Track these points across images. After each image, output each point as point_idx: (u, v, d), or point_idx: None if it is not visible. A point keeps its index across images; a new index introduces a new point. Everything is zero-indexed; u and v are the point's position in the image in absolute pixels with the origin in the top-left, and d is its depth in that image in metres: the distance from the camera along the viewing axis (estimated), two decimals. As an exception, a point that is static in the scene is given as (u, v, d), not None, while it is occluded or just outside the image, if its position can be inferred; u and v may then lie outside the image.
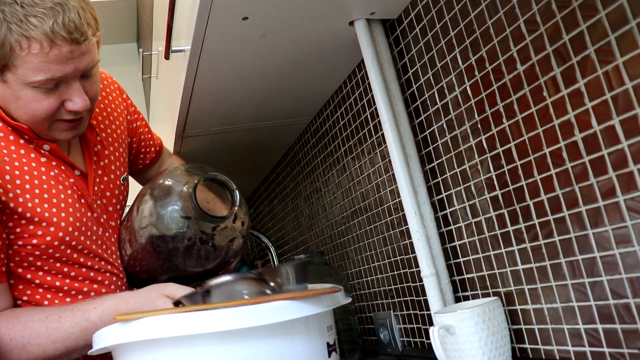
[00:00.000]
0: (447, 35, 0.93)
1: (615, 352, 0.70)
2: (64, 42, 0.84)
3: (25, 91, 0.87)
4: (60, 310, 0.89)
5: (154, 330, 0.75)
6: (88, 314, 0.88)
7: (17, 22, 0.82)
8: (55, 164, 0.96)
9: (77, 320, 0.87)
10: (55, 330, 0.87)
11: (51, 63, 0.84)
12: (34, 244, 0.92)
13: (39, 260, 0.93)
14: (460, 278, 0.99)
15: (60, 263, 0.95)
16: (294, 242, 1.94)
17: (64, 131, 0.94)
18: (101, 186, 1.03)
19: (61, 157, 0.97)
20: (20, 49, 0.83)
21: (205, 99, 1.26)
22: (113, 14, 2.37)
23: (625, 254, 0.67)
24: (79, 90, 0.90)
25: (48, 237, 0.92)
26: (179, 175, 1.01)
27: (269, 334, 0.76)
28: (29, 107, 0.88)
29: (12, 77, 0.86)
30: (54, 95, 0.88)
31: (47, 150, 0.95)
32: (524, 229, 0.82)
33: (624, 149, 0.65)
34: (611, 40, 0.64)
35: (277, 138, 1.68)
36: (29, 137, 0.93)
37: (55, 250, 0.94)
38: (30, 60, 0.83)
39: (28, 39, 0.82)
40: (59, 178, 0.95)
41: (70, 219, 0.94)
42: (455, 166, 0.96)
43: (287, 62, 1.16)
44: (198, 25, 0.94)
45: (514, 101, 0.80)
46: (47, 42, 0.83)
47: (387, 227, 1.24)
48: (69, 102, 0.90)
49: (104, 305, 0.88)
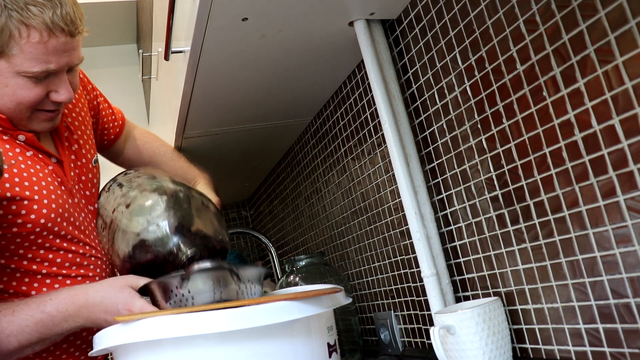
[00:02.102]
0: (446, 35, 0.93)
1: (615, 352, 0.70)
2: (61, 33, 0.86)
3: (17, 79, 0.87)
4: (15, 305, 0.87)
5: (155, 331, 0.75)
6: (44, 305, 0.86)
7: (18, 9, 0.83)
8: (32, 154, 0.96)
9: (32, 313, 0.86)
10: (9, 323, 0.85)
11: (49, 54, 0.86)
12: (19, 224, 0.91)
13: (22, 247, 0.93)
14: (460, 278, 0.99)
15: (44, 250, 0.94)
16: (294, 242, 1.94)
17: (43, 122, 0.95)
18: (76, 171, 1.04)
19: (37, 146, 0.97)
20: (20, 37, 0.84)
21: (205, 100, 1.26)
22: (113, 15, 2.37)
23: (625, 254, 0.67)
24: (66, 82, 0.92)
25: (32, 215, 0.91)
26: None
27: (269, 335, 0.76)
28: (15, 95, 0.89)
29: (4, 65, 0.86)
30: (42, 85, 0.90)
31: (22, 140, 0.95)
32: (524, 228, 0.82)
33: (624, 148, 0.65)
34: (611, 40, 0.64)
35: (277, 139, 1.68)
36: (3, 129, 0.93)
37: (37, 235, 0.93)
38: (29, 50, 0.85)
39: (28, 27, 0.83)
40: (37, 166, 0.96)
41: (52, 206, 0.94)
42: (456, 166, 0.96)
43: (287, 62, 1.16)
44: (198, 26, 0.94)
45: (514, 101, 0.80)
46: (47, 31, 0.84)
47: (388, 228, 1.24)
48: (54, 93, 0.91)
49: (60, 296, 0.87)
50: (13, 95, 0.89)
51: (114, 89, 2.39)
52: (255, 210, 2.44)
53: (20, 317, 0.85)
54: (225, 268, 0.85)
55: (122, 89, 2.56)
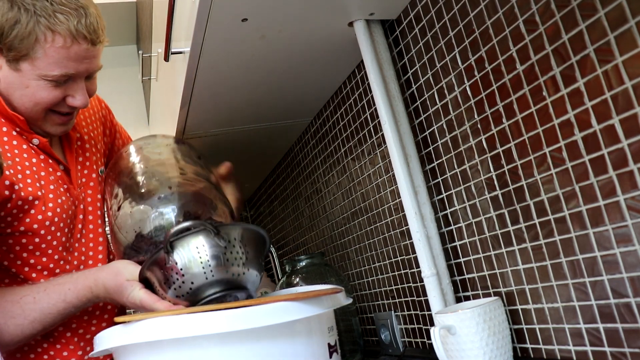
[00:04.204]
0: (446, 35, 0.93)
1: (616, 352, 0.70)
2: (84, 40, 0.92)
3: (38, 81, 0.93)
4: (33, 291, 0.92)
5: (156, 332, 0.75)
6: (64, 295, 0.92)
7: (46, 16, 0.89)
8: (43, 158, 1.01)
9: (54, 302, 0.91)
10: (32, 311, 0.91)
11: (69, 59, 0.92)
12: (27, 222, 0.95)
13: (25, 250, 0.96)
14: (461, 278, 0.99)
15: (47, 257, 0.98)
16: (295, 243, 1.94)
17: (56, 125, 1.00)
18: (83, 179, 1.08)
19: (48, 152, 1.02)
20: (45, 41, 0.90)
21: (205, 101, 1.26)
22: (112, 15, 2.36)
23: (625, 253, 0.67)
24: (83, 89, 0.98)
25: (39, 216, 0.96)
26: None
27: (270, 335, 0.76)
28: (34, 96, 0.94)
29: (28, 67, 0.92)
30: (60, 88, 0.95)
31: (36, 144, 1.00)
32: (525, 228, 0.82)
33: (624, 148, 0.65)
34: (610, 40, 0.64)
35: (277, 139, 1.68)
36: (20, 130, 0.98)
37: (41, 239, 0.97)
38: (52, 54, 0.91)
39: (53, 32, 0.90)
40: (48, 169, 1.01)
41: (57, 210, 0.98)
42: (456, 166, 0.96)
43: (287, 63, 1.17)
44: (197, 27, 0.94)
45: (514, 101, 0.80)
46: (70, 38, 0.91)
47: (388, 228, 1.24)
48: (71, 98, 0.97)
49: (77, 285, 0.92)
50: (32, 96, 0.95)
51: (114, 90, 2.39)
52: (256, 211, 2.44)
53: (42, 305, 0.91)
54: (201, 227, 0.84)
55: (122, 90, 2.56)
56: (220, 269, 0.84)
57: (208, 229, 0.84)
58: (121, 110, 1.26)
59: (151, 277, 0.86)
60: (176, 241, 0.83)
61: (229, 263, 0.84)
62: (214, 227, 0.84)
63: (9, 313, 0.90)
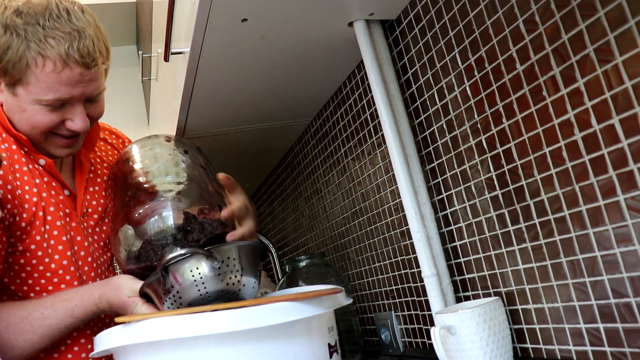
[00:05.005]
0: (446, 35, 0.93)
1: (616, 352, 0.70)
2: (75, 64, 0.90)
3: (33, 106, 0.93)
4: (41, 307, 0.92)
5: (156, 332, 0.75)
6: (71, 311, 0.92)
7: (37, 41, 0.89)
8: (47, 180, 1.00)
9: (62, 318, 0.92)
10: (41, 327, 0.91)
11: (61, 84, 0.91)
12: (26, 242, 0.94)
13: (24, 271, 0.96)
14: (461, 278, 0.99)
15: (45, 280, 0.97)
16: (295, 243, 1.94)
17: (59, 147, 1.00)
18: (89, 209, 1.06)
19: (54, 174, 1.01)
20: (35, 66, 0.89)
21: (205, 101, 1.26)
22: (112, 16, 2.36)
23: (625, 253, 0.67)
24: (82, 113, 0.96)
25: (38, 237, 0.95)
26: None
27: (270, 336, 0.76)
28: (31, 120, 0.94)
29: (22, 92, 0.92)
30: (57, 112, 0.94)
31: (42, 165, 1.00)
32: (525, 228, 0.82)
33: (624, 147, 0.65)
34: (610, 40, 0.64)
35: (277, 139, 1.68)
36: (27, 150, 0.98)
37: (39, 261, 0.96)
38: (43, 79, 0.90)
39: (44, 57, 0.89)
40: (51, 192, 1.00)
41: (55, 232, 0.97)
42: (456, 166, 0.96)
43: (287, 63, 1.17)
44: (197, 27, 0.94)
45: (514, 101, 0.80)
46: (61, 62, 0.89)
47: (388, 228, 1.24)
48: (70, 122, 0.96)
49: (84, 302, 0.92)
50: (29, 120, 0.94)
51: (114, 90, 2.39)
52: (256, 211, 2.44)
53: (51, 321, 0.92)
54: (193, 252, 0.84)
55: (122, 90, 2.56)
56: (216, 284, 0.85)
57: (202, 254, 0.84)
58: (121, 110, 1.26)
59: (150, 293, 0.87)
60: (171, 265, 0.84)
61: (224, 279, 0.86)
62: (207, 251, 0.84)
63: (19, 329, 0.90)
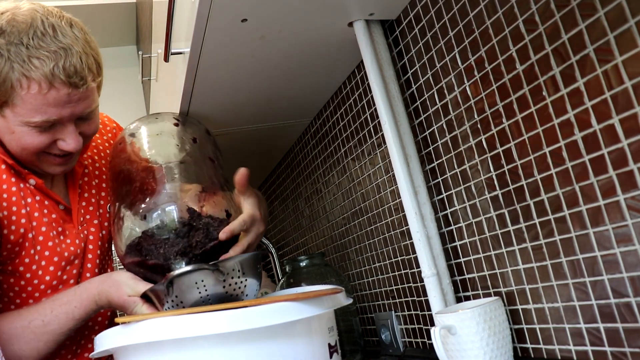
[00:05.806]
0: (446, 35, 0.93)
1: (617, 351, 0.70)
2: (62, 85, 0.86)
3: (22, 127, 0.90)
4: (40, 314, 0.91)
5: (156, 332, 0.75)
6: (72, 314, 0.91)
7: (20, 62, 0.84)
8: (39, 199, 0.98)
9: (64, 322, 0.91)
10: (44, 334, 0.90)
11: (48, 105, 0.87)
12: (16, 263, 0.94)
13: (12, 290, 0.95)
14: (461, 278, 0.99)
15: (33, 300, 0.97)
16: (295, 243, 1.94)
17: (53, 165, 0.97)
18: (87, 216, 1.05)
19: (45, 192, 0.99)
20: (21, 88, 0.85)
21: (205, 101, 1.26)
22: (112, 16, 2.37)
23: (626, 253, 0.67)
24: (73, 132, 0.93)
25: (27, 259, 0.95)
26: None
27: (270, 336, 0.76)
28: (20, 141, 0.91)
29: (10, 114, 0.89)
30: (47, 133, 0.91)
31: (32, 184, 0.97)
32: (525, 228, 0.82)
33: (624, 147, 0.65)
34: (610, 39, 0.64)
35: (277, 139, 1.68)
36: (16, 170, 0.96)
37: (27, 282, 0.95)
38: (29, 101, 0.86)
39: (28, 78, 0.85)
40: (43, 211, 0.98)
41: (46, 253, 0.97)
42: (456, 166, 0.96)
43: (287, 63, 1.17)
44: (197, 27, 0.94)
45: (514, 101, 0.80)
46: (46, 83, 0.85)
47: (388, 228, 1.24)
48: (61, 142, 0.93)
49: (83, 302, 0.92)
50: (19, 141, 0.91)
51: (114, 91, 2.39)
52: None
53: (53, 327, 0.91)
54: (200, 268, 0.85)
55: (121, 91, 2.56)
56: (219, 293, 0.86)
57: (209, 269, 0.85)
58: (121, 110, 1.26)
59: (152, 296, 0.88)
60: (176, 279, 0.84)
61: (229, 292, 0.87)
62: (213, 266, 0.85)
63: (23, 338, 0.90)
